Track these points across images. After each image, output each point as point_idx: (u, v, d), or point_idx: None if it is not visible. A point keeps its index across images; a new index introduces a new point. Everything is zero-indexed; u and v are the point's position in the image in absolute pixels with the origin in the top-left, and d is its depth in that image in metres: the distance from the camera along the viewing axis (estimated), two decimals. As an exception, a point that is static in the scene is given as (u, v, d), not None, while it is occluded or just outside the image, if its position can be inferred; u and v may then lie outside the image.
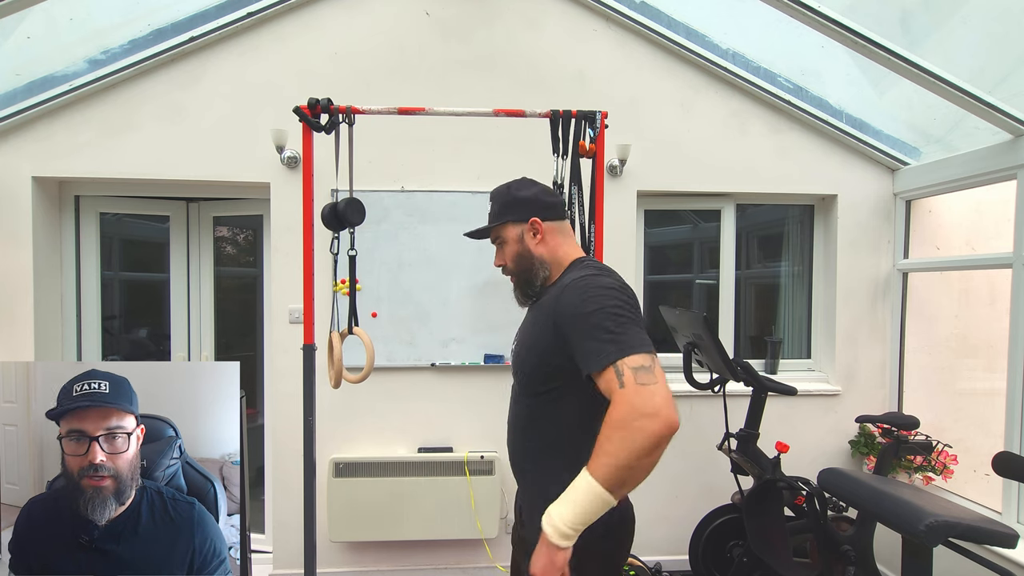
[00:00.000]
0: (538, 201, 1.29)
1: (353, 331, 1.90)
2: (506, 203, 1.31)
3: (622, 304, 1.06)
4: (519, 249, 1.30)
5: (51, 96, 2.47)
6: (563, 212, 1.33)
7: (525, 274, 1.30)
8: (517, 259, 1.30)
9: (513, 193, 1.31)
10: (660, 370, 0.98)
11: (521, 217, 1.29)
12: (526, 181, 1.34)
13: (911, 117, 2.71)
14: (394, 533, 2.61)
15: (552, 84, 2.74)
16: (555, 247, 1.29)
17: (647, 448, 0.92)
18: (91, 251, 2.81)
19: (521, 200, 1.29)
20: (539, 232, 1.28)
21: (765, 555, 2.21)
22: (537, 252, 1.28)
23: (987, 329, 2.65)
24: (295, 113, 1.82)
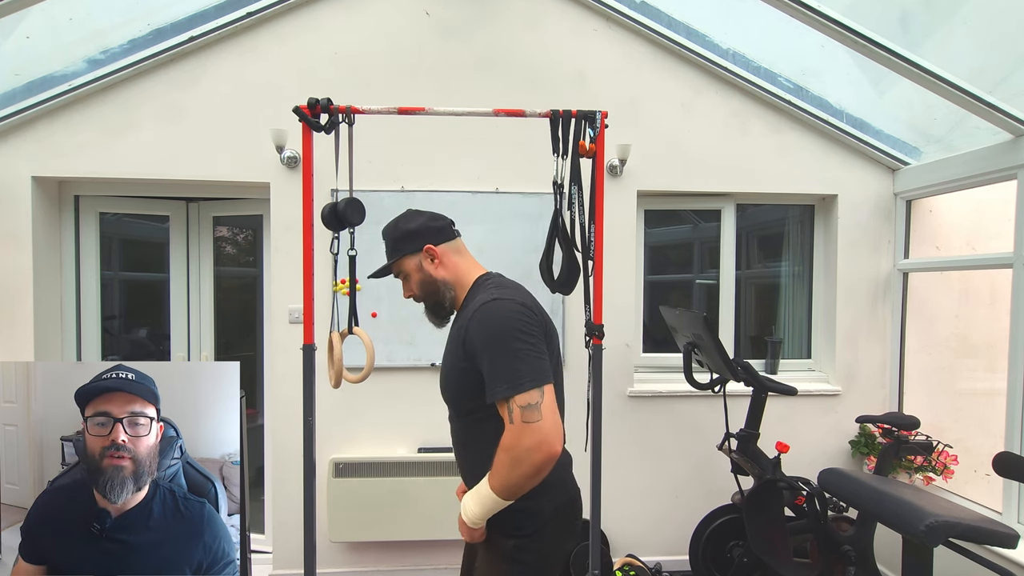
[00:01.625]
0: (427, 229, 1.34)
1: (353, 331, 1.90)
2: (397, 238, 1.35)
3: (520, 333, 1.14)
4: (421, 277, 1.34)
5: (51, 96, 2.47)
6: (453, 233, 1.38)
7: (433, 298, 1.36)
8: (422, 287, 1.35)
9: (402, 227, 1.35)
10: (548, 401, 1.10)
11: (415, 247, 1.33)
12: (411, 213, 1.39)
13: (911, 117, 2.71)
14: (394, 533, 2.61)
15: (552, 84, 2.74)
16: (454, 267, 1.35)
17: (530, 473, 1.09)
18: (91, 251, 2.81)
19: (411, 232, 1.34)
20: (436, 257, 1.33)
21: (765, 555, 2.21)
22: (439, 276, 1.34)
23: (987, 329, 2.65)
24: (295, 113, 1.82)
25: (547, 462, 1.08)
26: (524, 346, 1.13)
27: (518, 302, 1.20)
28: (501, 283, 1.30)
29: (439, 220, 1.37)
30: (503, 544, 1.25)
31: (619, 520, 2.82)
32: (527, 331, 1.15)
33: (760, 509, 2.27)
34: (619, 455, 2.81)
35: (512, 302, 1.19)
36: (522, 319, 1.16)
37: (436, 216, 1.38)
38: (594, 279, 1.99)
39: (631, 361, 2.85)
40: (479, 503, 1.16)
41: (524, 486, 1.11)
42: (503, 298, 1.20)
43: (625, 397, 2.83)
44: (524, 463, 1.07)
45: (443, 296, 1.34)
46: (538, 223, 2.71)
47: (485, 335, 1.15)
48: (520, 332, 1.14)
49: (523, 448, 1.07)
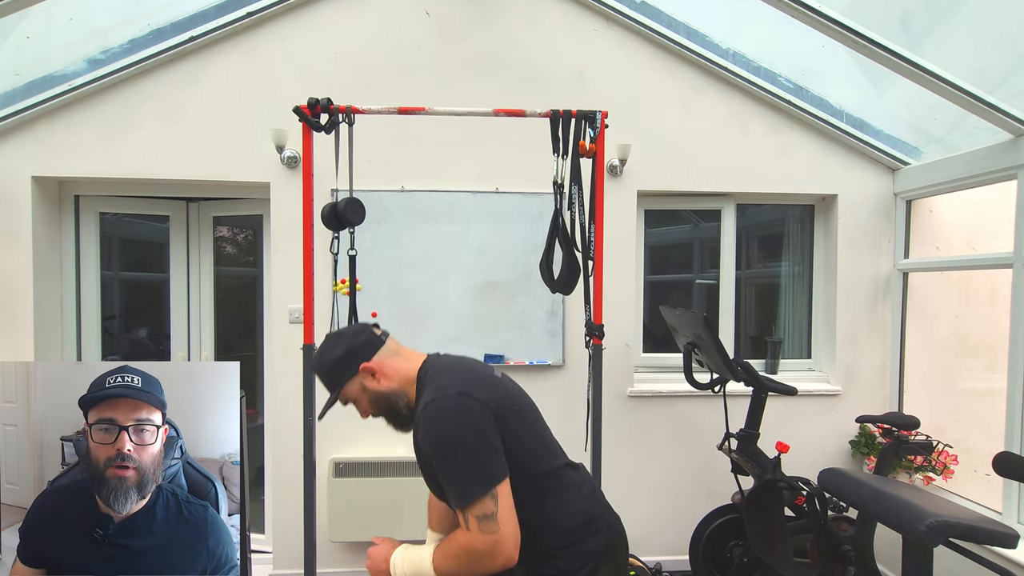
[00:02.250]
0: (352, 350, 1.26)
1: (353, 331, 1.89)
2: (330, 372, 1.28)
3: (461, 433, 1.10)
4: (369, 397, 1.29)
5: (51, 96, 2.47)
6: (378, 339, 1.30)
7: (390, 412, 1.31)
8: (375, 406, 1.30)
9: (328, 359, 1.27)
10: (504, 507, 1.08)
11: (351, 372, 1.26)
12: (330, 338, 1.30)
13: (911, 117, 2.71)
14: (394, 533, 2.60)
15: (552, 84, 2.74)
16: (396, 373, 1.28)
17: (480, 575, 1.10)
18: (91, 251, 2.81)
19: (339, 360, 1.26)
20: (375, 372, 1.26)
21: (765, 555, 2.21)
22: (386, 388, 1.27)
23: (987, 329, 2.65)
24: (295, 113, 1.82)
25: (502, 567, 1.08)
26: (467, 449, 1.09)
27: (454, 393, 1.14)
28: (438, 373, 1.23)
29: (361, 334, 1.29)
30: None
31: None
32: (469, 428, 1.10)
33: (760, 509, 2.27)
34: (619, 455, 2.81)
35: (448, 398, 1.13)
36: (461, 416, 1.11)
37: (357, 331, 1.30)
38: (594, 279, 1.99)
39: (631, 361, 2.85)
40: (412, 571, 1.16)
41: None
42: (439, 396, 1.14)
43: (625, 397, 2.83)
44: (477, 567, 1.08)
45: (397, 406, 1.29)
46: (538, 223, 2.71)
47: (428, 446, 1.12)
48: (461, 432, 1.10)
49: (479, 553, 1.06)
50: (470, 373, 1.23)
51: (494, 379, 1.26)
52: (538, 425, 1.29)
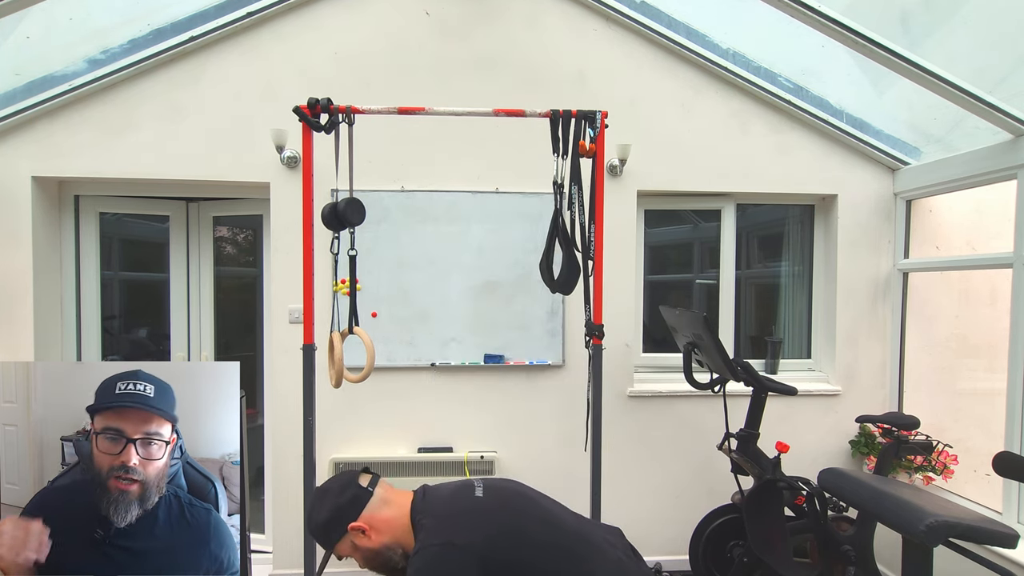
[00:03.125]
0: (340, 510, 1.23)
1: (353, 331, 1.90)
2: (320, 534, 1.25)
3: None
4: (363, 554, 1.25)
5: (51, 96, 2.47)
6: (366, 493, 1.26)
7: (385, 567, 1.26)
8: (368, 562, 1.26)
9: (316, 521, 1.25)
10: None
11: (340, 533, 1.23)
12: (318, 496, 1.28)
13: (911, 117, 2.71)
14: (394, 533, 2.61)
15: (552, 84, 2.74)
16: (389, 527, 1.24)
17: None
18: (91, 251, 2.81)
19: (328, 522, 1.23)
20: (364, 530, 1.22)
21: (765, 555, 2.21)
22: (377, 544, 1.23)
23: (987, 329, 2.65)
24: (295, 113, 1.82)
25: None
26: None
27: (437, 544, 1.12)
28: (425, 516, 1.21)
29: (347, 490, 1.25)
30: None
31: (619, 520, 2.79)
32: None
33: (760, 509, 2.27)
34: (619, 455, 2.81)
35: (431, 549, 1.12)
36: (443, 570, 1.09)
37: (343, 486, 1.26)
38: (594, 279, 1.99)
39: (631, 361, 2.85)
40: None
41: None
42: (425, 547, 1.13)
43: (625, 397, 2.83)
44: None
45: (391, 560, 1.24)
46: (538, 223, 2.71)
47: None
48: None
49: None
50: (452, 514, 1.20)
51: (478, 507, 1.22)
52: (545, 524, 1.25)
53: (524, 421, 2.77)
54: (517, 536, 1.19)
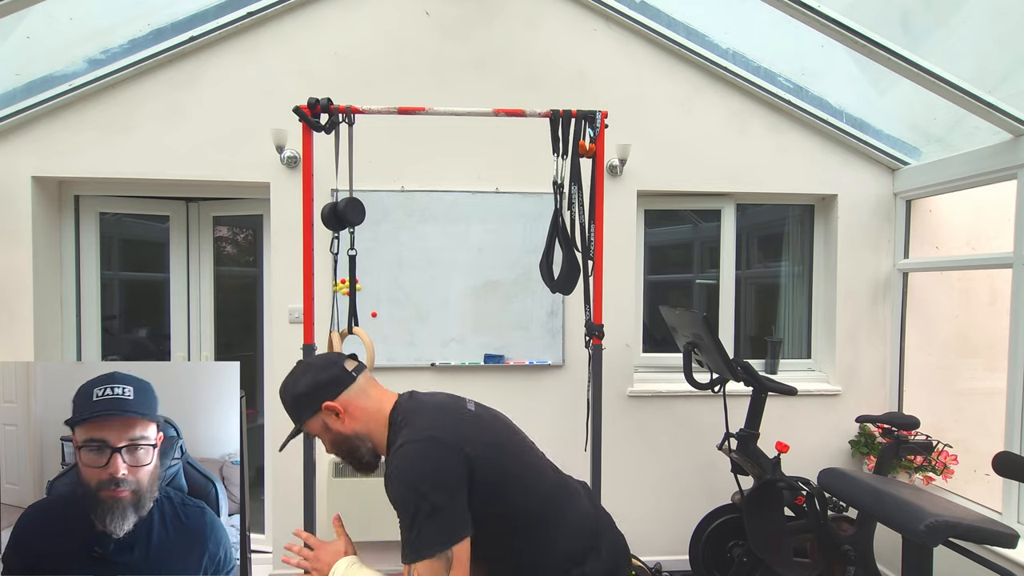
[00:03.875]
0: (317, 385, 1.19)
1: (353, 331, 1.90)
2: (292, 405, 1.22)
3: (424, 486, 1.04)
4: (332, 436, 1.21)
5: (51, 96, 2.47)
6: (349, 377, 1.21)
7: (351, 454, 1.24)
8: (335, 445, 1.23)
9: (291, 391, 1.21)
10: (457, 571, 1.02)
11: (313, 409, 1.20)
12: (298, 370, 1.24)
13: (911, 117, 2.71)
14: (394, 533, 2.59)
15: (552, 84, 2.74)
16: (363, 415, 1.20)
17: None
18: (91, 251, 2.81)
19: (301, 395, 1.20)
20: (338, 412, 1.19)
21: (765, 555, 2.21)
22: (349, 430, 1.20)
23: (987, 329, 2.65)
24: (295, 113, 1.82)
25: None
26: (430, 505, 1.03)
27: (424, 439, 1.09)
28: (409, 413, 1.18)
29: (330, 368, 1.21)
30: None
31: (619, 520, 2.79)
32: (435, 481, 1.05)
33: (760, 509, 2.27)
34: (619, 455, 2.81)
35: (417, 444, 1.09)
36: (428, 468, 1.06)
37: (327, 364, 1.23)
38: (594, 279, 1.99)
39: (631, 361, 2.85)
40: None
41: None
42: (408, 441, 1.10)
43: (625, 397, 2.83)
44: None
45: (359, 450, 1.22)
46: (538, 223, 2.71)
47: (394, 495, 1.08)
48: (426, 486, 1.04)
49: None
50: (440, 414, 1.18)
51: (467, 417, 1.20)
52: (523, 452, 1.25)
53: (524, 421, 2.74)
54: (503, 451, 1.18)
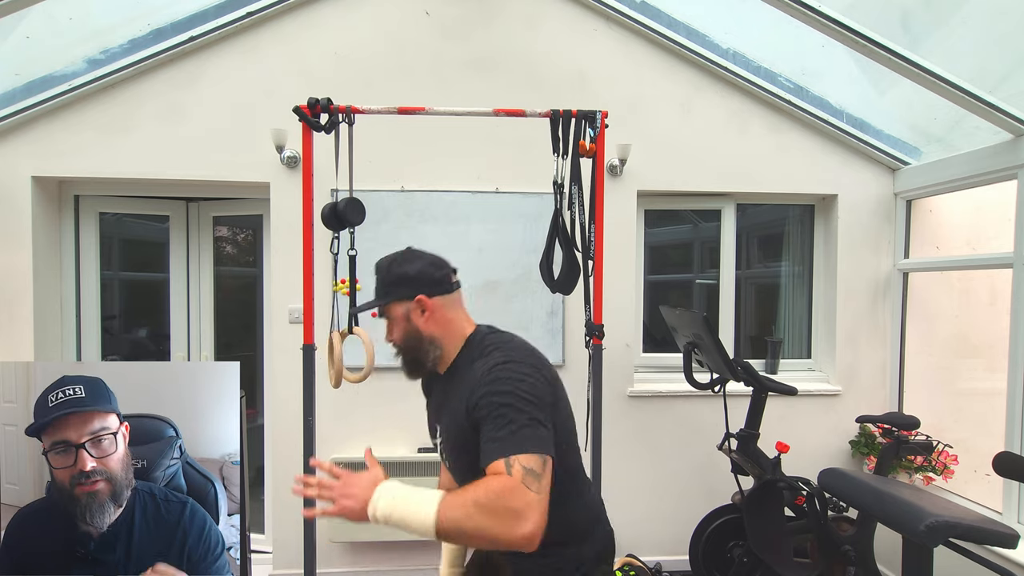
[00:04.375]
0: (424, 277, 1.20)
1: (353, 331, 1.90)
2: (390, 280, 1.22)
3: (528, 404, 1.03)
4: (407, 328, 1.21)
5: (51, 96, 2.47)
6: (451, 286, 1.25)
7: (414, 353, 1.23)
8: (406, 338, 1.22)
9: (396, 270, 1.21)
10: (548, 480, 0.97)
11: (406, 294, 1.19)
12: (411, 254, 1.25)
13: (911, 117, 2.71)
14: (394, 533, 2.59)
15: (552, 84, 2.74)
16: (446, 324, 1.22)
17: (494, 538, 0.91)
18: (91, 251, 2.81)
19: (406, 277, 1.20)
20: (427, 310, 1.19)
21: (765, 555, 2.21)
22: (427, 331, 1.20)
23: (987, 329, 2.65)
24: (295, 113, 1.82)
25: (519, 543, 0.90)
26: (535, 412, 1.02)
27: (529, 365, 1.10)
28: (500, 342, 1.19)
29: (440, 268, 1.24)
30: None
31: (619, 520, 2.80)
32: (537, 401, 1.04)
33: (760, 509, 2.27)
34: (619, 455, 2.81)
35: (524, 365, 1.09)
36: (535, 386, 1.06)
37: (437, 263, 1.25)
38: (594, 279, 1.99)
39: (631, 361, 2.85)
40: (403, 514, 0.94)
41: (475, 540, 0.95)
42: (514, 360, 1.10)
43: (625, 397, 2.83)
44: (498, 526, 0.90)
45: (425, 353, 1.21)
46: (538, 223, 2.71)
47: (493, 402, 1.03)
48: (529, 402, 1.03)
49: (509, 508, 0.90)
50: (534, 354, 1.18)
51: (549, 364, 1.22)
52: (571, 418, 1.26)
53: (524, 421, 2.77)
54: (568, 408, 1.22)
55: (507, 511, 0.90)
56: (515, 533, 0.90)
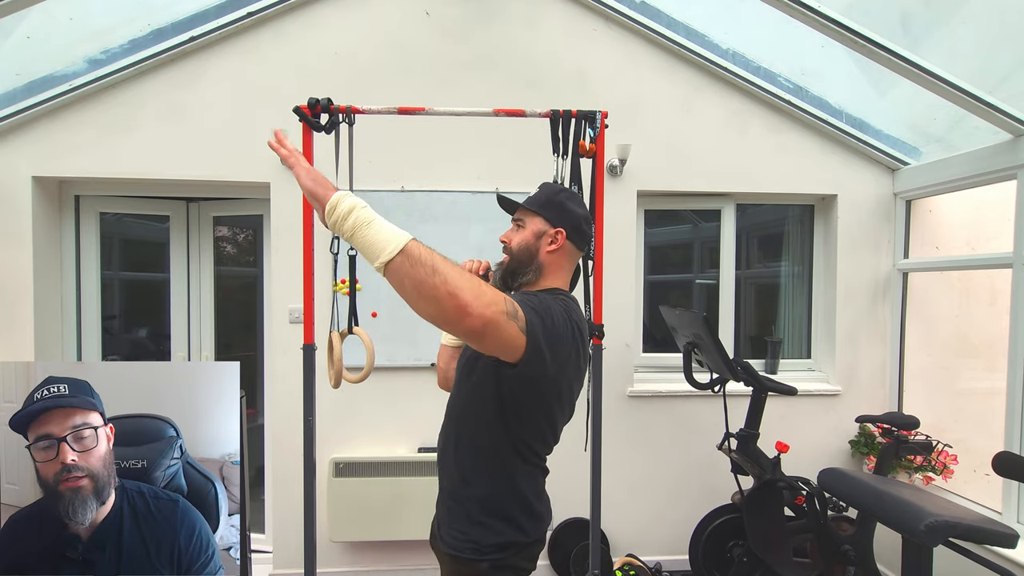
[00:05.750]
0: (576, 219, 1.29)
1: (353, 331, 1.90)
2: (552, 203, 1.30)
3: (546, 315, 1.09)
4: (530, 242, 1.28)
5: (51, 96, 2.47)
6: (586, 247, 1.35)
7: (518, 265, 1.29)
8: (522, 249, 1.29)
9: (562, 199, 1.30)
10: (514, 327, 1.00)
11: (554, 221, 1.28)
12: (579, 198, 1.37)
13: (911, 117, 2.71)
14: (394, 533, 2.61)
15: (552, 84, 2.74)
16: (557, 266, 1.29)
17: (446, 288, 0.91)
18: (91, 251, 2.81)
19: (565, 209, 1.29)
20: (556, 244, 1.27)
21: (765, 555, 2.21)
22: (542, 257, 1.28)
23: (987, 329, 2.65)
24: (295, 113, 1.82)
25: (459, 301, 0.91)
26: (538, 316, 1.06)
27: (571, 323, 1.16)
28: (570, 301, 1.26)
29: (590, 225, 1.36)
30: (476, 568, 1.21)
31: (619, 520, 2.82)
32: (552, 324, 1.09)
33: (760, 509, 2.27)
34: (619, 455, 2.81)
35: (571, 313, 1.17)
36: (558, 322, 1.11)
37: (590, 221, 1.38)
38: (594, 279, 1.99)
39: (631, 361, 2.85)
40: (372, 215, 1.01)
41: (421, 279, 0.92)
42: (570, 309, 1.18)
43: (625, 397, 2.83)
44: (460, 282, 0.92)
45: (526, 271, 1.28)
46: (538, 223, 2.70)
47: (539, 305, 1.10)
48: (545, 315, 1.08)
49: (479, 287, 0.94)
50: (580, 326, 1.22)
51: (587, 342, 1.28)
52: (568, 409, 1.30)
53: (524, 421, 2.77)
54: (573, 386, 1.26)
55: (477, 286, 0.94)
56: (464, 296, 0.92)
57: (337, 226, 1.00)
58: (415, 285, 0.92)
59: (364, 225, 0.99)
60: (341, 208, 1.00)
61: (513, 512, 1.23)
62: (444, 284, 0.91)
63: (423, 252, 0.94)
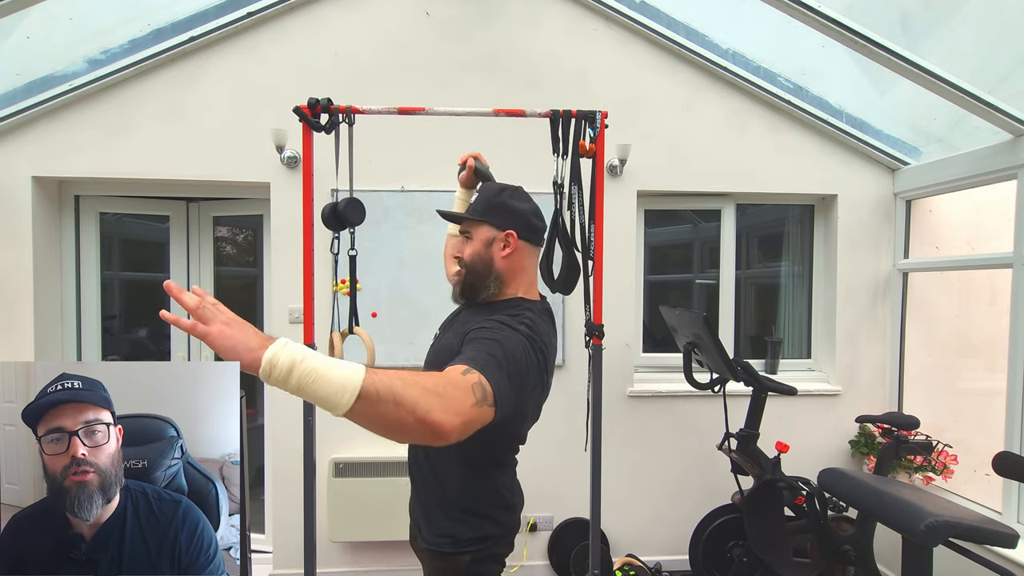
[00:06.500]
0: (525, 217, 1.25)
1: (354, 331, 1.90)
2: (493, 206, 1.25)
3: (517, 358, 1.05)
4: (482, 254, 1.24)
5: (51, 96, 2.47)
6: (541, 240, 1.31)
7: (474, 278, 1.25)
8: (475, 261, 1.25)
9: (504, 199, 1.25)
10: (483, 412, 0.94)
11: (500, 224, 1.23)
12: (523, 193, 1.30)
13: (911, 117, 2.71)
14: (394, 533, 2.61)
15: (552, 84, 2.74)
16: (517, 270, 1.25)
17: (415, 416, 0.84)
18: (91, 251, 2.81)
19: (510, 209, 1.24)
20: (509, 247, 1.23)
21: (765, 555, 2.21)
22: (497, 265, 1.23)
23: (987, 329, 2.65)
24: (295, 113, 1.82)
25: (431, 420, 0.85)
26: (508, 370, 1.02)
27: (538, 347, 1.13)
28: (536, 316, 1.21)
29: (540, 220, 1.29)
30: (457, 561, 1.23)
31: (619, 520, 2.82)
32: (521, 368, 1.06)
33: (760, 509, 2.27)
34: (619, 455, 2.81)
35: (534, 341, 1.12)
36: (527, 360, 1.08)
37: (539, 214, 1.30)
38: (594, 279, 1.99)
39: (631, 361, 2.85)
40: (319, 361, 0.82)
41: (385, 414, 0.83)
42: (532, 331, 1.13)
43: (625, 397, 2.83)
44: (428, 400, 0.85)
45: (484, 284, 1.24)
46: (538, 223, 2.70)
47: (489, 337, 1.06)
48: (514, 361, 1.04)
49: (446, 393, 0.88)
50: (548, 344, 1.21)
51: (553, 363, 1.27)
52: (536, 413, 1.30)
53: (524, 421, 2.77)
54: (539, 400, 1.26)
55: (443, 396, 0.88)
56: (434, 416, 0.85)
57: (280, 386, 0.85)
58: (383, 425, 0.85)
59: (309, 382, 0.82)
60: (279, 370, 0.83)
61: (489, 509, 1.25)
62: (411, 414, 0.84)
63: (380, 387, 0.82)
